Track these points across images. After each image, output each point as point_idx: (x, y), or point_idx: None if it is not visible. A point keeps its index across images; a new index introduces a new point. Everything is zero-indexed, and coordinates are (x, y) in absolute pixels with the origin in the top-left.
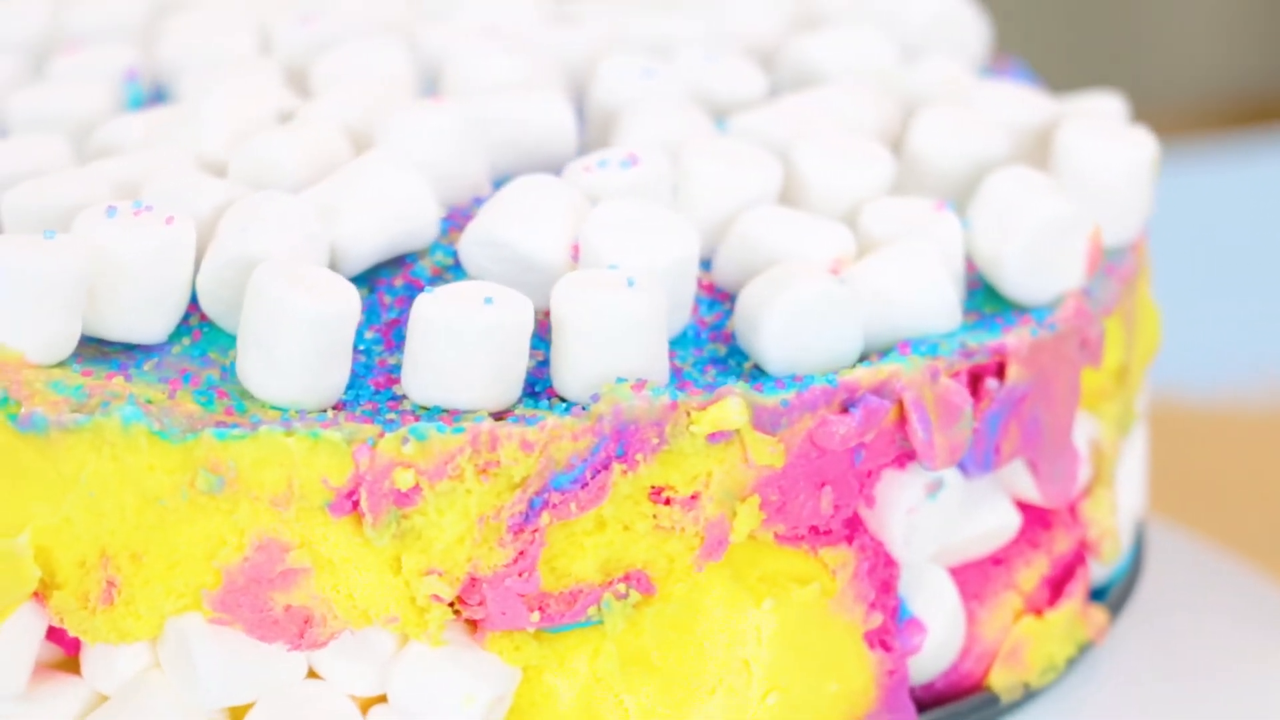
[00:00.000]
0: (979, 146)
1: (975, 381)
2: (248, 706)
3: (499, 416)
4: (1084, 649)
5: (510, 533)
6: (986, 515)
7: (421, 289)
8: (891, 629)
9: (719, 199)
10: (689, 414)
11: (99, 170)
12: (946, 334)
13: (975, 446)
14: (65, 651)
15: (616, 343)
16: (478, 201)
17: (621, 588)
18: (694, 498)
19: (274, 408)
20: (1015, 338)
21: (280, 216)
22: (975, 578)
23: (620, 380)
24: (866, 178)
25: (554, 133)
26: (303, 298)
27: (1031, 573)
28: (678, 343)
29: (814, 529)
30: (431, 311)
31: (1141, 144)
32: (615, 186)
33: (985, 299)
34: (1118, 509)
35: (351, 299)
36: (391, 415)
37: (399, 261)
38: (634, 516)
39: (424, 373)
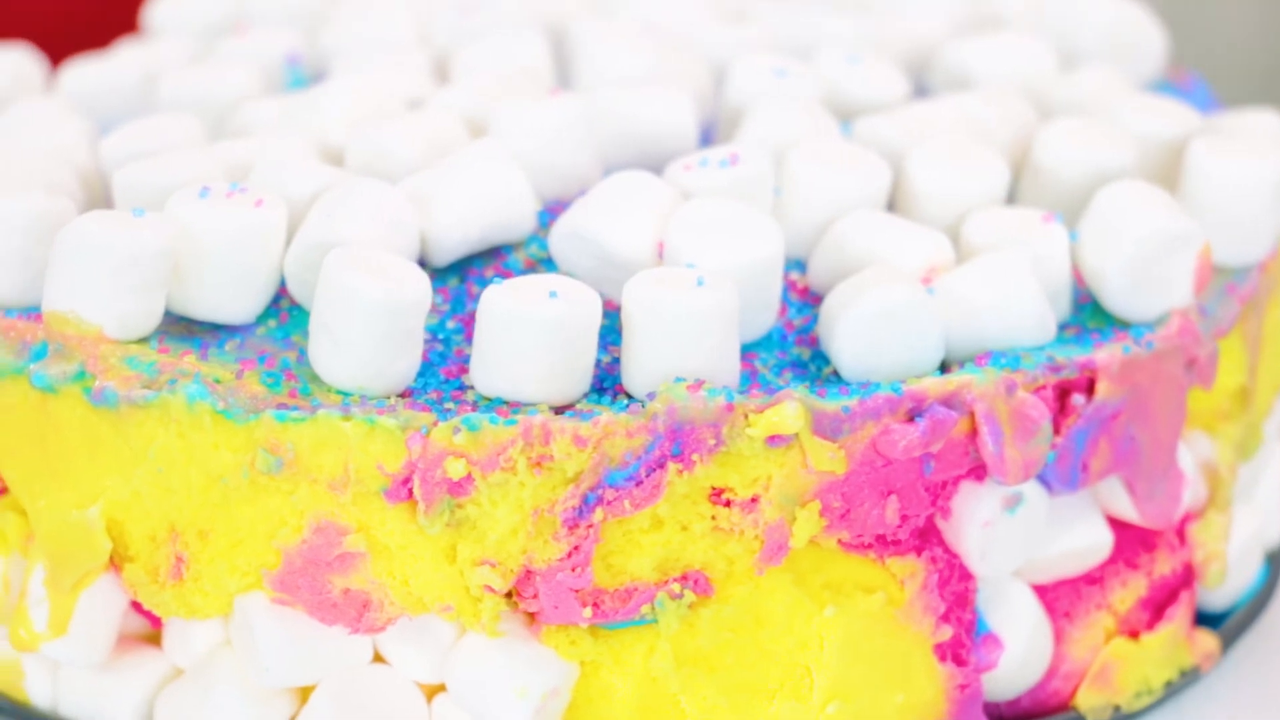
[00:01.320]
0: (1102, 158)
1: (1065, 397)
2: (313, 687)
3: (561, 411)
4: (1187, 675)
5: (565, 527)
6: (1077, 533)
7: (511, 279)
8: (966, 643)
9: (820, 201)
10: (746, 416)
11: (217, 152)
12: (1035, 347)
13: (1060, 463)
14: (152, 624)
15: (681, 341)
16: (584, 195)
17: (676, 587)
18: (753, 501)
19: (339, 392)
20: (1106, 354)
21: (367, 203)
22: (1066, 596)
23: (679, 380)
24: (977, 186)
25: (671, 129)
26: (368, 284)
27: (1128, 594)
28: (761, 344)
29: (881, 538)
30: (496, 303)
31: (1272, 163)
32: (712, 185)
33: (1092, 314)
34: (1233, 534)
35: (419, 288)
36: (449, 404)
37: (494, 253)
38: (692, 517)
39: (488, 364)
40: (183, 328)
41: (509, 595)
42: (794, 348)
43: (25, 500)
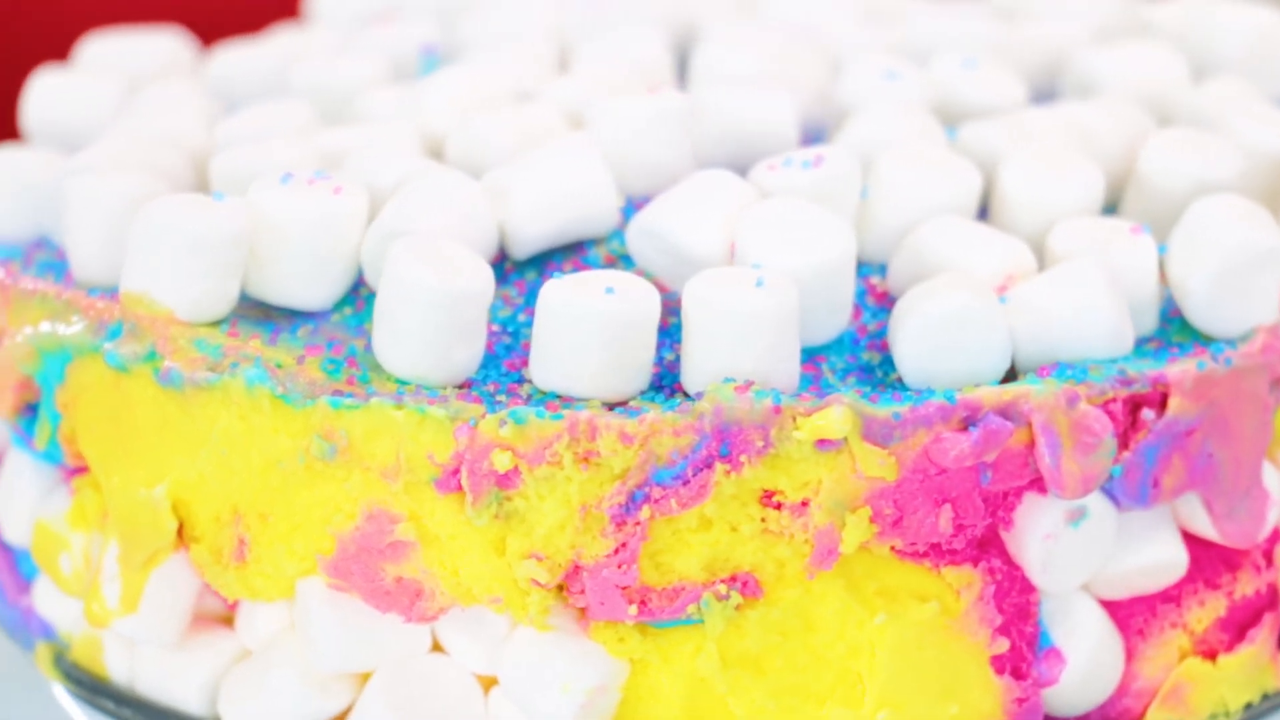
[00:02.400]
0: (1203, 170)
1: (1137, 411)
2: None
3: (615, 407)
4: (1272, 698)
5: (612, 524)
6: (1149, 550)
7: None
8: (1027, 656)
9: (905, 205)
10: (794, 419)
11: (319, 139)
12: (1108, 359)
13: (1128, 478)
14: (227, 605)
15: (736, 341)
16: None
17: (723, 588)
18: (804, 504)
19: (398, 381)
20: (1179, 369)
21: (442, 194)
22: (1140, 613)
23: (728, 380)
24: (1069, 195)
25: (771, 129)
26: (427, 273)
27: (1205, 613)
28: (832, 348)
29: (936, 547)
30: (553, 297)
31: None
32: (794, 186)
33: (1180, 328)
34: None
35: (480, 279)
36: (502, 397)
37: (575, 247)
38: (741, 518)
39: (545, 358)
40: (260, 312)
41: (560, 589)
42: (865, 352)
43: (101, 477)
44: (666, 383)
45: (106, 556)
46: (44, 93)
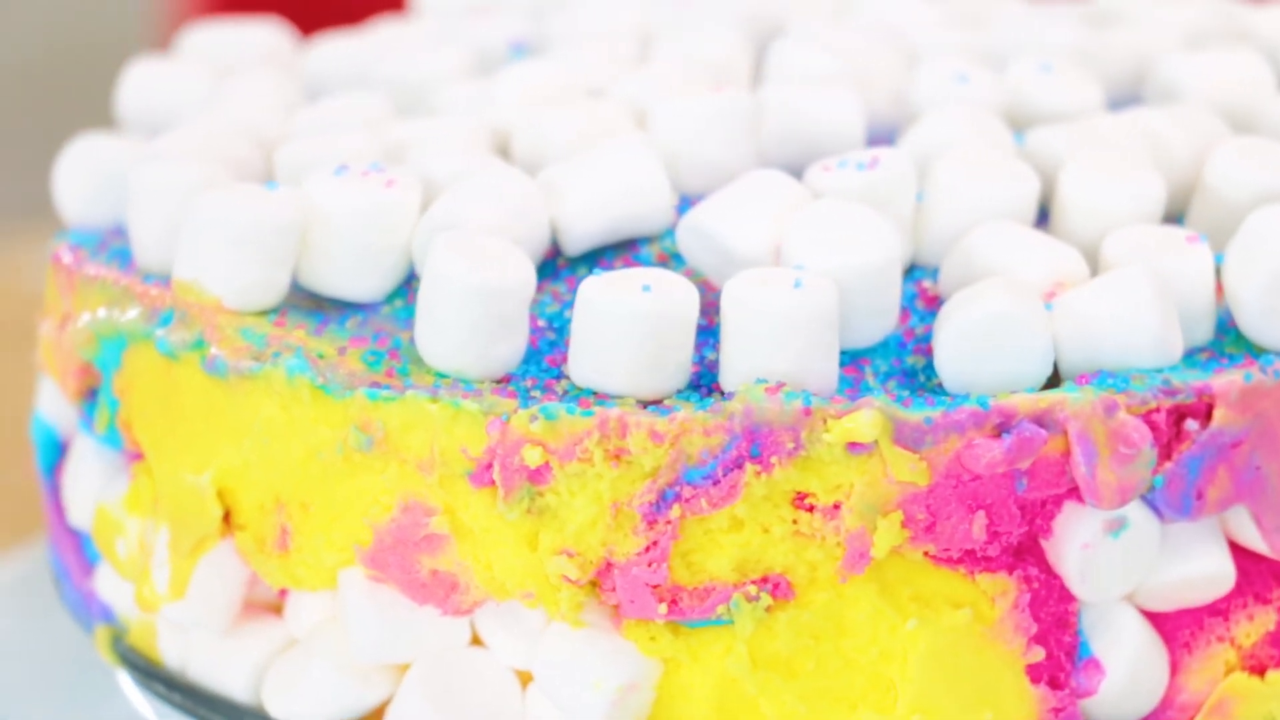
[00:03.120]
0: (1269, 180)
1: (1182, 422)
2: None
3: (650, 405)
4: None
5: (644, 522)
6: (1195, 562)
7: None
8: (1065, 666)
9: (960, 209)
10: (825, 421)
11: (386, 132)
12: (1152, 369)
13: (1170, 489)
14: (279, 593)
15: (771, 342)
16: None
17: (753, 589)
18: (835, 507)
19: (437, 374)
20: (1224, 380)
21: (493, 188)
22: (1186, 625)
23: (760, 381)
24: (1128, 202)
25: (837, 129)
26: (465, 268)
27: (1254, 628)
28: (877, 350)
29: (970, 553)
30: (590, 294)
31: None
32: (847, 187)
33: (1235, 339)
34: None
35: (518, 275)
36: (536, 393)
37: (628, 244)
38: (773, 519)
39: (582, 354)
40: (312, 303)
41: (594, 586)
42: (910, 356)
43: (152, 462)
44: (705, 382)
45: (157, 542)
46: (136, 81)
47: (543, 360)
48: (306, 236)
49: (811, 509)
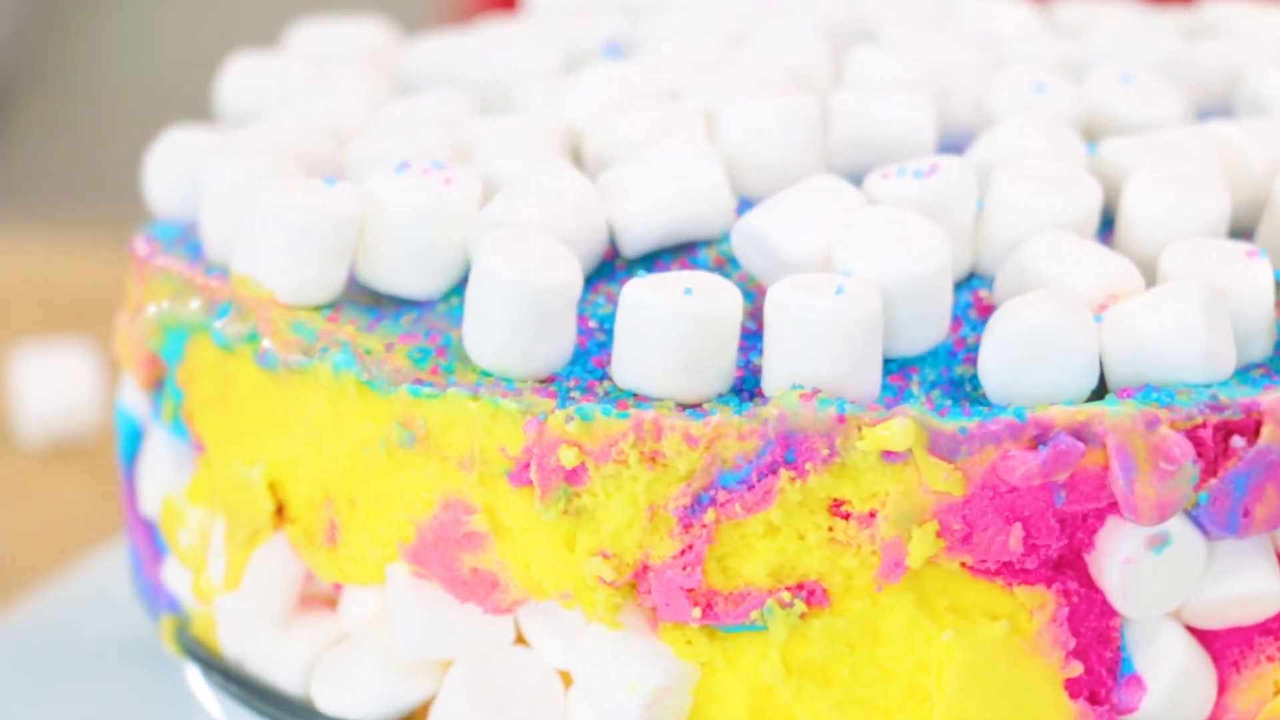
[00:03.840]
0: None
1: (1229, 438)
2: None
3: (690, 408)
4: None
5: (679, 525)
6: (1244, 580)
7: None
8: (1106, 682)
9: (1018, 219)
10: (859, 429)
11: (461, 130)
12: (1200, 384)
13: (1215, 506)
14: (335, 587)
15: (810, 348)
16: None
17: (786, 595)
18: (871, 515)
19: (482, 373)
20: (1273, 397)
21: (549, 188)
22: (1236, 644)
23: (796, 387)
24: (1189, 215)
25: (907, 136)
26: (508, 267)
27: None
28: (926, 359)
29: (1008, 565)
30: (632, 296)
31: None
32: (904, 194)
33: None
34: None
35: (564, 275)
36: (576, 393)
37: (686, 247)
38: (808, 526)
39: (623, 356)
40: (371, 299)
41: (631, 588)
42: (959, 366)
43: (210, 454)
44: (748, 386)
45: (214, 533)
46: (235, 75)
47: (589, 361)
48: (365, 233)
49: (847, 516)
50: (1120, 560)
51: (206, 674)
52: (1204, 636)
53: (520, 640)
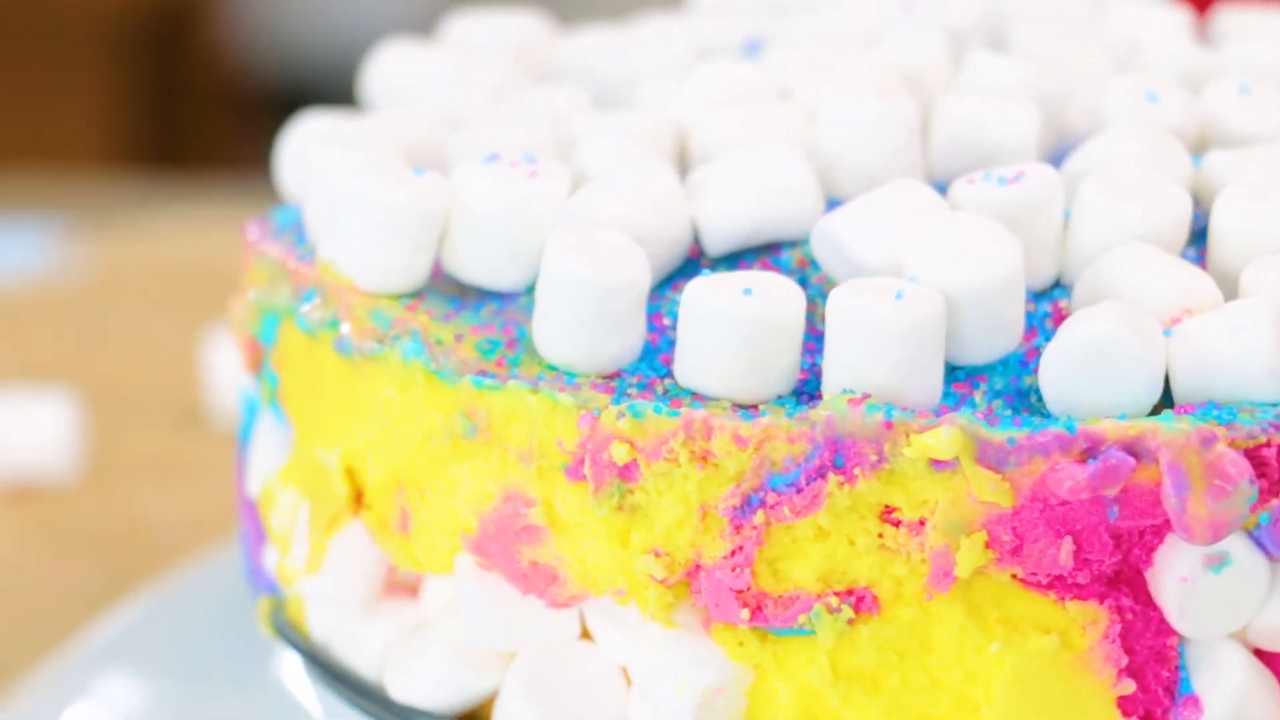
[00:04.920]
0: None
1: None
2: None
3: (746, 409)
4: None
5: (730, 526)
6: None
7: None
8: (1162, 701)
9: (1103, 229)
10: (908, 436)
11: (570, 124)
12: (1267, 402)
13: (1276, 527)
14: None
15: (867, 353)
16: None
17: (834, 600)
18: (921, 523)
19: (549, 367)
20: None
21: (632, 185)
22: None
23: (846, 391)
24: (1276, 230)
25: (1008, 141)
26: (574, 261)
27: None
28: (996, 368)
29: (1060, 579)
30: (692, 295)
31: None
32: (987, 201)
33: None
34: None
35: (630, 272)
36: (633, 390)
37: (772, 247)
38: (858, 532)
39: (684, 355)
40: (456, 289)
41: (685, 587)
42: (1029, 376)
43: (297, 437)
44: (810, 389)
45: (299, 516)
46: (381, 63)
47: (657, 358)
48: (450, 223)
49: (898, 524)
50: (1177, 579)
51: (298, 657)
52: (1268, 658)
53: (586, 635)
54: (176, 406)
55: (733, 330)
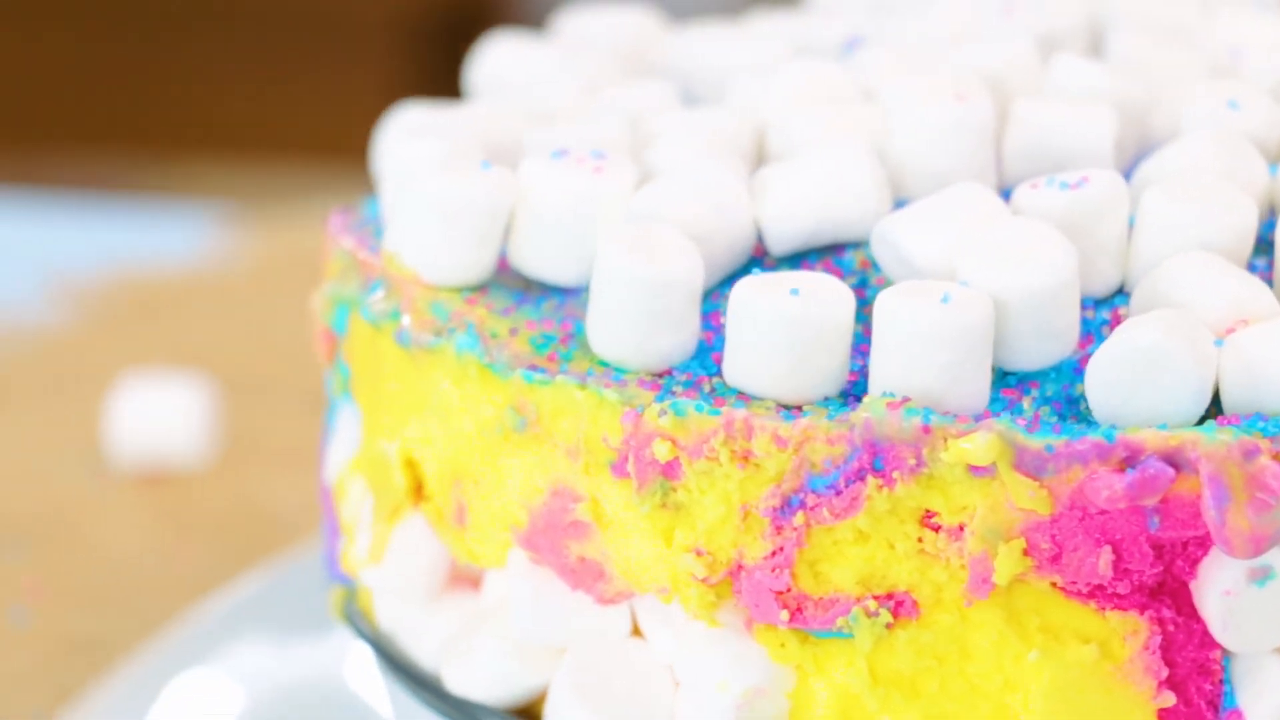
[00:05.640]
0: None
1: None
2: None
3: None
4: None
5: (772, 526)
6: None
7: (839, 279)
8: (1205, 715)
9: (1165, 236)
10: (945, 440)
11: (654, 121)
12: None
13: None
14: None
15: (910, 356)
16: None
17: (873, 604)
18: (960, 529)
19: (600, 363)
20: None
21: (694, 183)
22: None
23: (886, 394)
24: None
25: (1083, 147)
26: (625, 257)
27: None
28: (1049, 374)
29: (1100, 588)
30: (739, 294)
31: None
32: (1047, 206)
33: None
34: None
35: (682, 269)
36: (679, 388)
37: (835, 248)
38: (898, 536)
39: (731, 354)
40: (521, 283)
41: (728, 587)
42: (1080, 383)
43: (363, 428)
44: (860, 391)
45: (364, 506)
46: (487, 55)
47: (709, 357)
48: (515, 218)
49: (938, 529)
50: (1220, 592)
51: (367, 647)
52: None
53: (637, 632)
54: (314, 396)
55: (777, 330)
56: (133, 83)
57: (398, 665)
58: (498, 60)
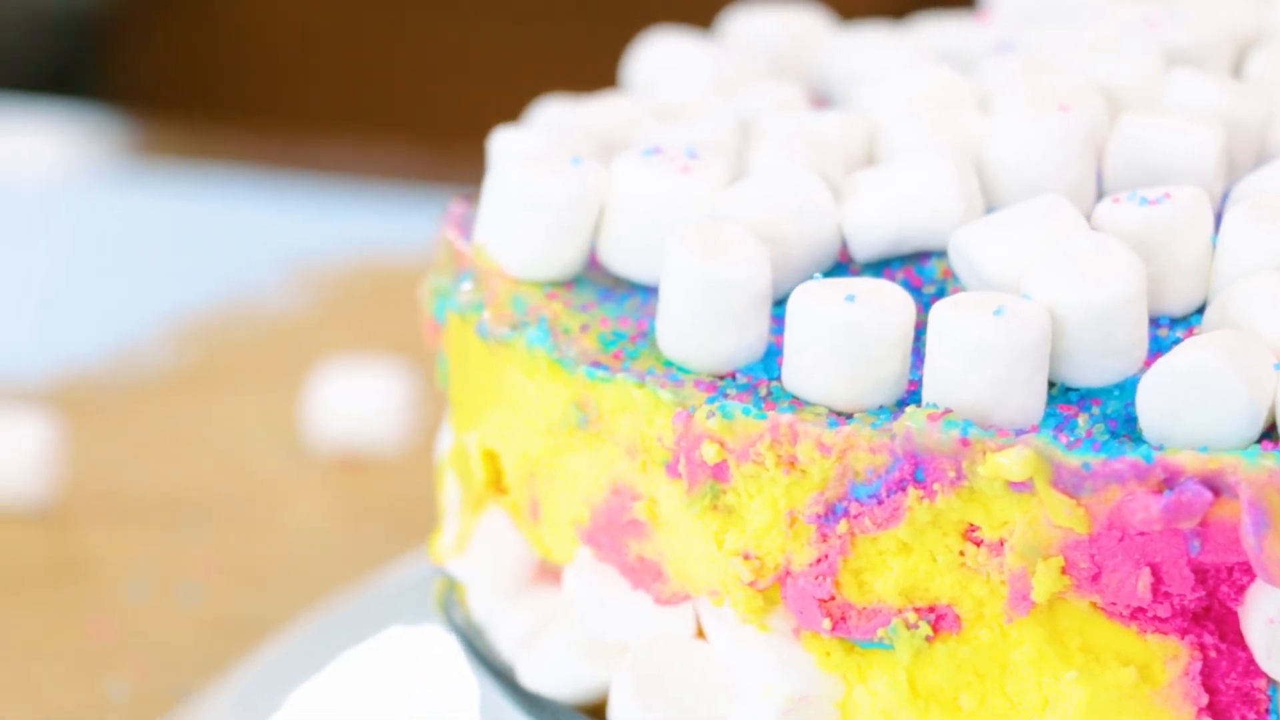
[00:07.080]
0: None
1: None
2: None
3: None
4: None
5: (817, 533)
6: None
7: (919, 288)
8: None
9: (1243, 255)
10: (985, 454)
11: (758, 123)
12: None
13: None
14: None
15: (962, 368)
16: None
17: (912, 616)
18: (1000, 544)
19: (665, 363)
20: None
21: (778, 187)
22: None
23: (930, 406)
24: None
25: (1182, 165)
26: (690, 257)
27: None
28: (1112, 391)
29: (1140, 610)
30: (797, 300)
31: None
32: (1126, 222)
33: None
34: None
35: (746, 270)
36: (733, 390)
37: (919, 256)
38: (940, 548)
39: (790, 360)
40: (609, 280)
41: (777, 592)
42: None
43: (452, 418)
44: (916, 400)
45: (452, 496)
46: (645, 51)
47: (775, 361)
48: (605, 214)
49: (979, 543)
50: (1265, 619)
51: (457, 639)
52: None
53: (701, 634)
54: None
55: (831, 336)
56: (402, 69)
57: (483, 658)
58: (653, 57)
